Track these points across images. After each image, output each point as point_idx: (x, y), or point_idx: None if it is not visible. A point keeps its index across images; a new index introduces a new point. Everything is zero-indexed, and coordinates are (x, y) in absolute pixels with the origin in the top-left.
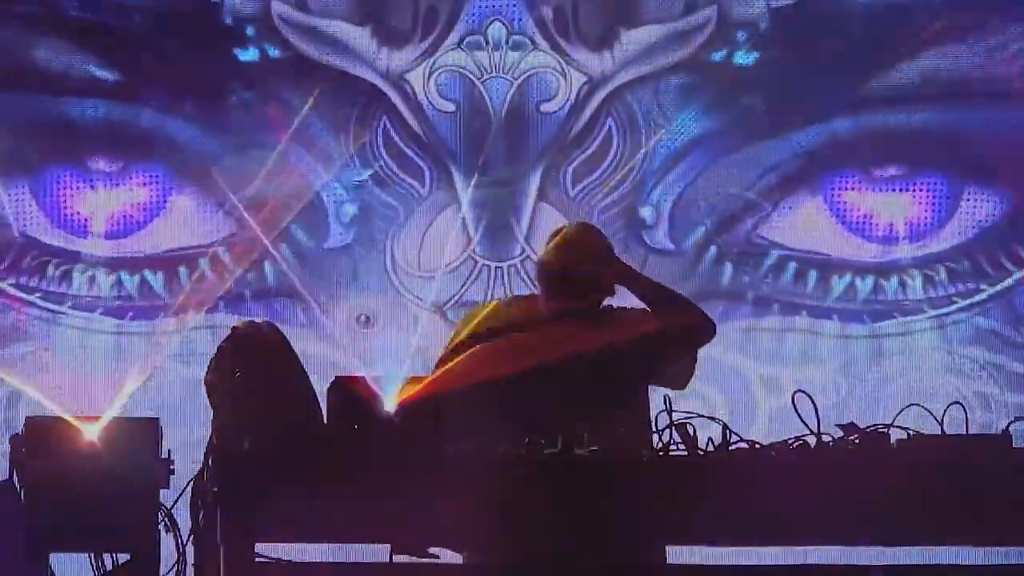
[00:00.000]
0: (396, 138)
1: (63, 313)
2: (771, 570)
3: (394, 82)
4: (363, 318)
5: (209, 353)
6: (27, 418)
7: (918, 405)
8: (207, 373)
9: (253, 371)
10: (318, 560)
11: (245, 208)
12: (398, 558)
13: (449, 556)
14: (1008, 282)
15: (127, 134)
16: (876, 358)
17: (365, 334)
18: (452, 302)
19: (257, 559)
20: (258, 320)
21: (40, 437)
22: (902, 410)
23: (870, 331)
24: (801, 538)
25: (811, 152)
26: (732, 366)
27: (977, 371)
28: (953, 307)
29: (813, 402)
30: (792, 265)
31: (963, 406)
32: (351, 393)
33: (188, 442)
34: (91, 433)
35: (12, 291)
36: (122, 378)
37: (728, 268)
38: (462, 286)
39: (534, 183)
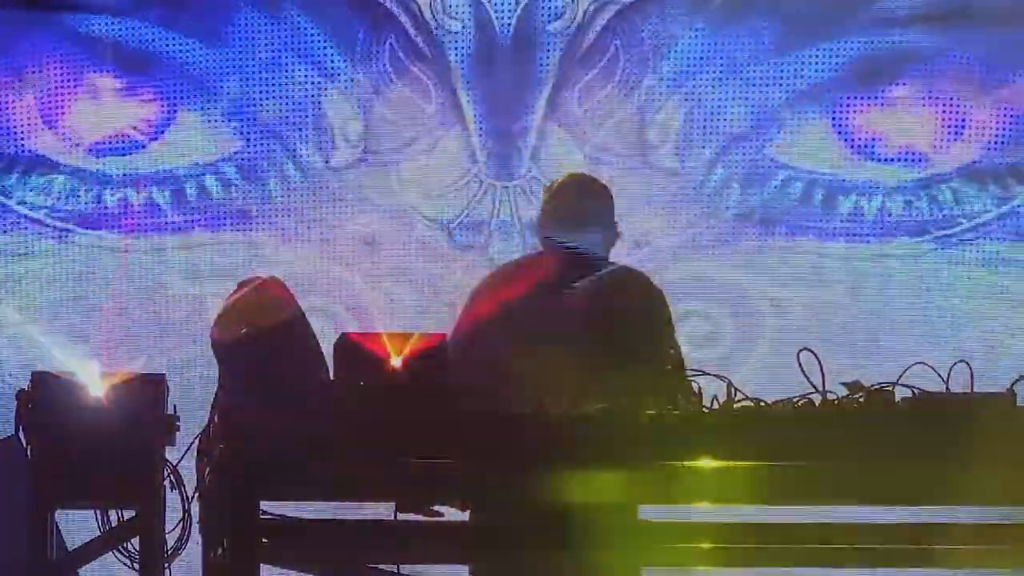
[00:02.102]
0: (403, 57)
1: (69, 230)
2: (770, 528)
3: (401, 1)
4: (369, 237)
5: (214, 270)
6: (33, 373)
7: (923, 363)
8: (212, 329)
9: (259, 328)
10: (323, 518)
11: (252, 125)
12: (403, 516)
13: (453, 515)
14: (1015, 203)
15: (134, 51)
16: (882, 278)
17: (371, 252)
18: (458, 222)
19: (262, 516)
20: (264, 276)
21: (46, 393)
22: (907, 368)
23: (876, 252)
24: (804, 497)
25: (818, 72)
26: (738, 286)
27: (984, 292)
28: (959, 227)
29: (818, 359)
30: (798, 186)
31: (968, 364)
32: (357, 349)
33: (190, 359)
34: (97, 389)
35: (19, 208)
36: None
37: (735, 188)
38: (468, 205)
39: (540, 103)
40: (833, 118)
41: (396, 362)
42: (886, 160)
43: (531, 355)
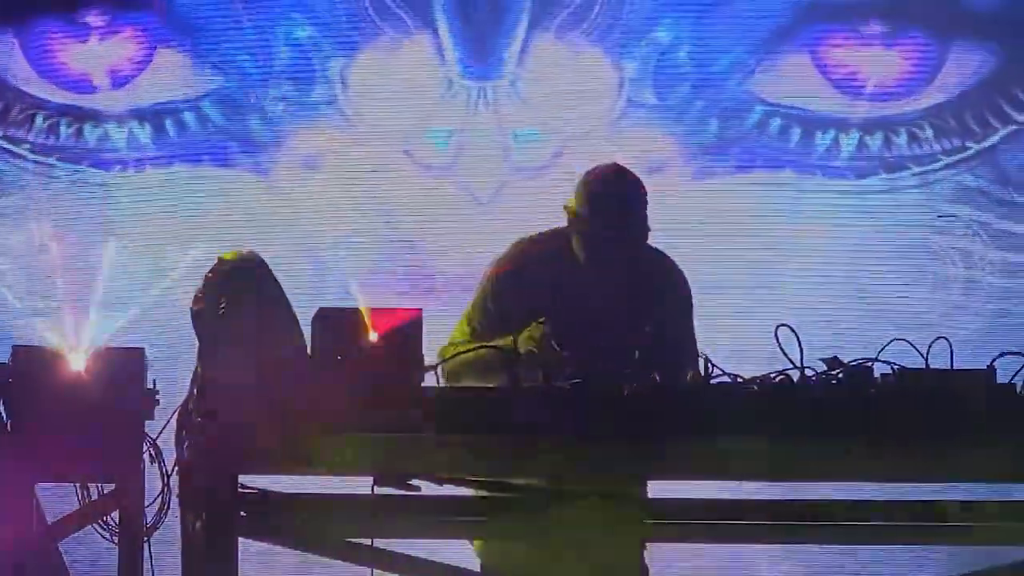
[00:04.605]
0: None
1: (51, 164)
2: (747, 505)
3: None
4: (351, 170)
5: (194, 206)
6: (13, 347)
7: (903, 340)
8: (193, 303)
9: (238, 302)
10: (301, 491)
11: (231, 62)
12: (380, 490)
13: (431, 488)
14: (994, 139)
15: None
16: (861, 215)
17: (354, 187)
18: (439, 155)
19: (240, 490)
20: (244, 250)
21: (26, 366)
22: (886, 344)
23: (855, 188)
24: (783, 474)
25: (798, 7)
26: (716, 221)
27: (962, 228)
28: (938, 164)
29: (797, 335)
30: (776, 121)
31: (948, 341)
32: (335, 323)
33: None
34: (77, 363)
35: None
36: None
37: (713, 123)
38: (447, 138)
39: (518, 38)
40: (812, 53)
41: (373, 336)
42: (865, 95)
43: (564, 328)
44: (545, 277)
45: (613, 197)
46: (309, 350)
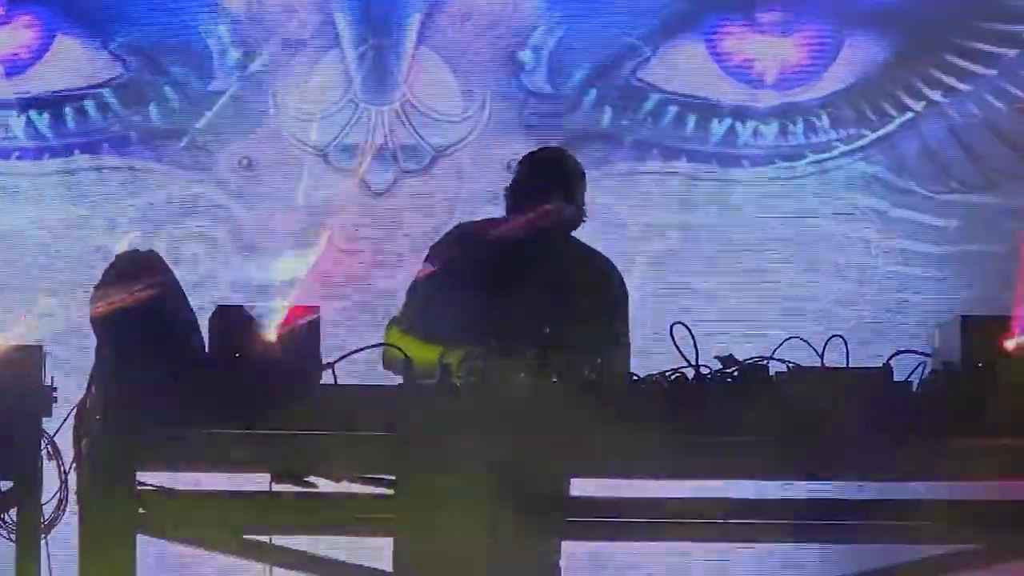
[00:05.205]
0: None
1: None
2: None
3: None
4: (245, 160)
5: (94, 195)
6: None
7: (798, 338)
8: (91, 299)
9: (136, 299)
10: (199, 489)
11: (130, 51)
12: (278, 487)
13: (327, 485)
14: (891, 127)
15: None
16: (757, 203)
17: (249, 176)
18: (334, 145)
19: (139, 487)
20: (141, 249)
21: None
22: (782, 343)
23: (751, 176)
24: (679, 472)
25: None
26: (611, 211)
27: (858, 216)
28: (835, 152)
29: (691, 333)
30: (672, 109)
31: (844, 339)
32: (233, 321)
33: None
34: None
35: None
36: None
37: (608, 112)
38: (343, 129)
39: (413, 26)
40: (707, 41)
41: (270, 334)
42: (761, 83)
43: (496, 315)
44: (474, 260)
45: (546, 172)
46: (207, 347)
